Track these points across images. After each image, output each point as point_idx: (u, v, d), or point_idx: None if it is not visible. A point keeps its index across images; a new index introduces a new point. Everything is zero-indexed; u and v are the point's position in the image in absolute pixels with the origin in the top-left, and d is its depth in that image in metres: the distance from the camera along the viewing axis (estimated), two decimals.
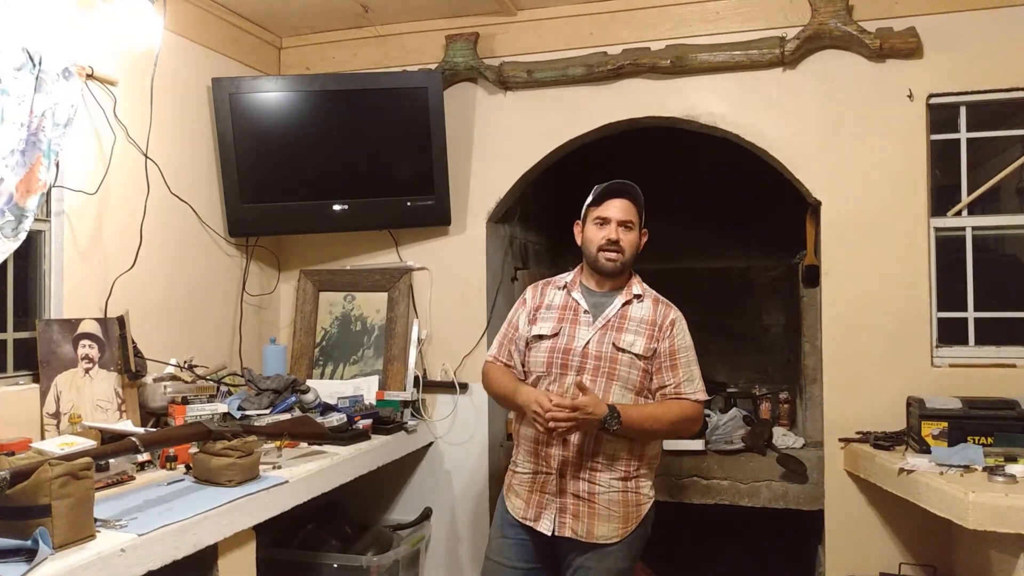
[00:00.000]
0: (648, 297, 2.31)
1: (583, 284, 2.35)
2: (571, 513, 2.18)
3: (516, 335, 2.37)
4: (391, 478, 3.30)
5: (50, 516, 1.56)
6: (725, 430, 3.30)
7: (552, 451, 2.21)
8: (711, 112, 3.13)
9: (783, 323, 4.05)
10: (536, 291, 2.40)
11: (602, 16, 3.23)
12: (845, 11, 2.91)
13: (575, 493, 2.19)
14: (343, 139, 3.27)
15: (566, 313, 2.29)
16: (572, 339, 2.24)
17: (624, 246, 2.25)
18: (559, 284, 2.39)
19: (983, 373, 2.83)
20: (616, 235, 2.24)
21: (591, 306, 2.28)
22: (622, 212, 2.25)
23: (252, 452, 2.18)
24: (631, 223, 2.26)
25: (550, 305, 2.34)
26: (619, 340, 2.21)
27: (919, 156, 2.92)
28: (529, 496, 2.26)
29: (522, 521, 2.26)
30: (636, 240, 2.29)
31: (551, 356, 2.24)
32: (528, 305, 2.38)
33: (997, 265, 3.04)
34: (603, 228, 2.26)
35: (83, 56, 2.52)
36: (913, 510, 2.41)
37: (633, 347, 2.20)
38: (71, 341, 2.44)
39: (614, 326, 2.24)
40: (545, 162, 3.38)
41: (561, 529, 2.19)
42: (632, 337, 2.22)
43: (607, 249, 2.25)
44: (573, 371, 2.21)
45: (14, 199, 2.19)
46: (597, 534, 2.17)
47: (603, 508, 2.17)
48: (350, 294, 3.51)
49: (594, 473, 2.18)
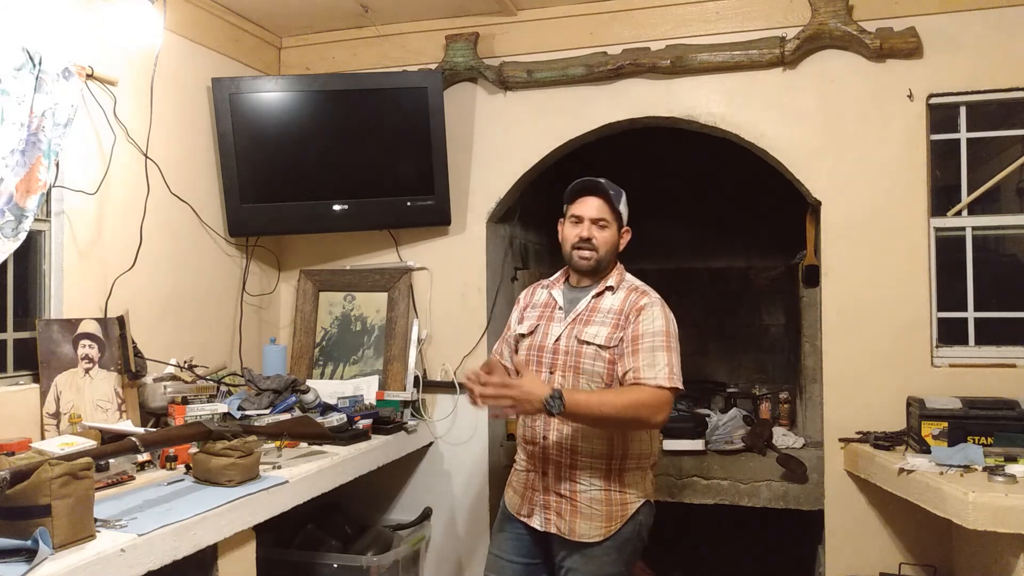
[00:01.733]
0: (623, 288, 2.27)
1: (567, 282, 2.37)
2: (555, 511, 2.20)
3: (508, 334, 2.45)
4: (391, 478, 3.30)
5: (50, 516, 1.56)
6: (725, 430, 3.30)
7: (535, 449, 2.24)
8: (711, 112, 3.13)
9: (783, 323, 4.05)
10: (528, 291, 2.47)
11: (602, 16, 3.23)
12: (845, 11, 2.91)
13: (557, 491, 2.20)
14: (343, 139, 3.27)
15: (545, 311, 2.33)
16: (545, 336, 2.27)
17: (598, 244, 2.23)
18: (545, 283, 2.43)
19: (983, 373, 2.83)
20: (588, 233, 2.22)
21: (566, 302, 2.30)
22: (595, 210, 2.23)
23: (252, 452, 2.18)
24: (605, 221, 2.24)
25: (535, 304, 2.39)
26: (582, 333, 2.20)
27: (919, 156, 2.92)
28: (523, 492, 2.29)
29: (517, 516, 2.29)
30: (612, 238, 2.26)
31: (528, 354, 2.28)
32: (520, 305, 2.45)
33: (997, 265, 3.04)
34: (576, 226, 2.25)
35: (83, 56, 2.52)
36: (913, 510, 2.41)
37: (596, 338, 2.18)
38: (71, 341, 2.44)
39: (582, 319, 2.24)
40: (545, 162, 3.39)
41: (547, 526, 2.21)
42: (596, 329, 2.20)
43: (580, 247, 2.24)
44: (546, 367, 2.23)
45: (14, 199, 2.19)
46: (579, 532, 2.16)
47: (584, 506, 2.17)
48: (350, 294, 3.51)
49: (575, 471, 2.18)
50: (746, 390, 3.86)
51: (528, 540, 2.28)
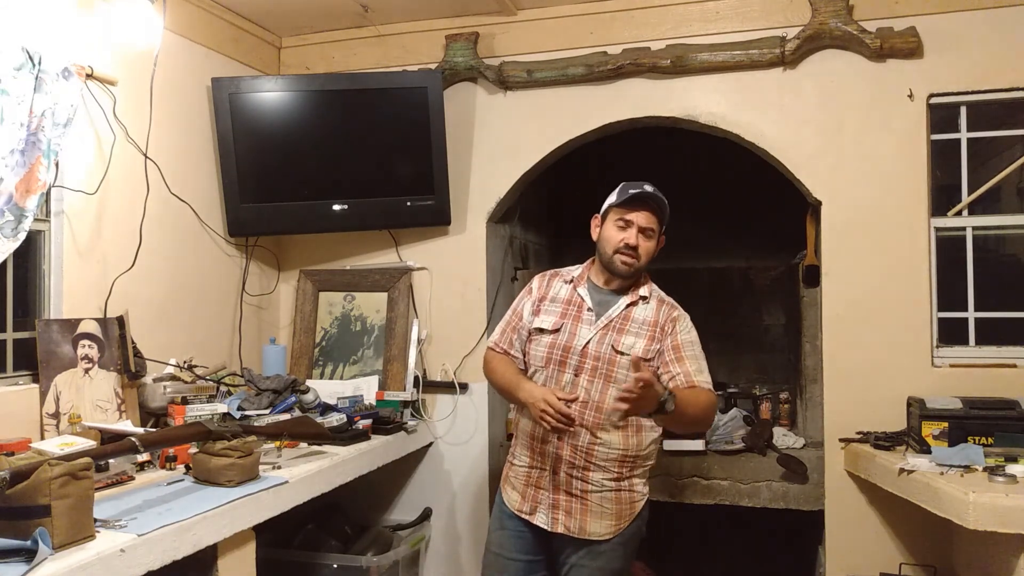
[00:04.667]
0: (654, 298, 2.28)
1: (591, 280, 2.32)
2: (564, 510, 2.20)
3: (519, 324, 2.36)
4: (391, 478, 3.30)
5: (50, 516, 1.56)
6: (725, 430, 3.30)
7: (548, 448, 2.22)
8: (711, 112, 3.13)
9: (783, 323, 4.05)
10: (543, 281, 2.39)
11: (602, 16, 3.23)
12: (845, 11, 2.91)
13: (568, 491, 2.20)
14: (343, 139, 3.26)
15: (570, 309, 2.28)
16: (573, 337, 2.22)
17: (641, 252, 2.22)
18: (566, 278, 2.36)
19: (983, 373, 2.83)
20: (636, 241, 2.20)
21: (595, 304, 2.26)
22: (646, 220, 2.21)
23: (252, 452, 2.18)
24: (652, 231, 2.23)
25: (555, 298, 2.32)
26: (619, 343, 2.19)
27: (919, 156, 2.92)
28: (525, 490, 2.28)
29: (518, 514, 2.28)
30: (653, 248, 2.25)
31: (551, 352, 2.24)
32: (534, 295, 2.36)
33: (997, 265, 3.04)
34: (624, 231, 2.21)
35: (83, 56, 2.51)
36: (913, 510, 2.41)
37: (633, 349, 2.17)
38: (71, 341, 2.44)
39: (616, 327, 2.22)
40: (545, 162, 3.38)
41: (554, 526, 2.21)
42: (632, 339, 2.20)
43: (624, 253, 2.21)
44: (571, 370, 2.20)
45: (14, 199, 2.19)
46: (590, 531, 2.18)
47: (596, 506, 2.18)
48: (350, 294, 3.51)
49: (587, 472, 2.19)
50: (746, 390, 3.85)
51: (530, 537, 2.28)
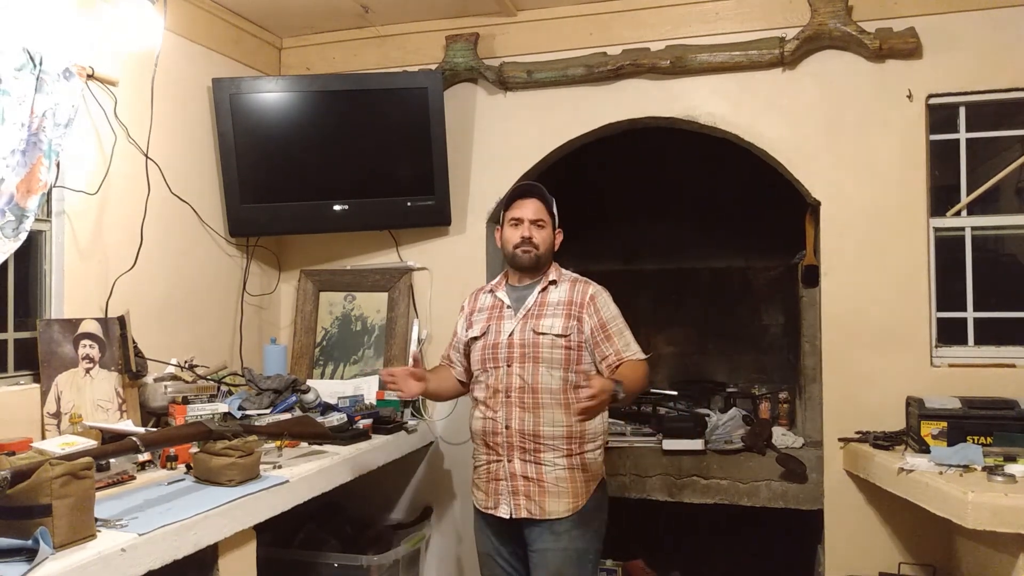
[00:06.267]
0: (565, 280, 2.47)
1: (508, 283, 2.53)
2: (523, 494, 2.33)
3: (455, 340, 2.60)
4: (391, 478, 3.30)
5: (51, 516, 1.56)
6: (725, 430, 3.31)
7: (499, 439, 2.37)
8: (711, 112, 3.13)
9: (783, 323, 4.05)
10: (471, 298, 2.62)
11: (602, 16, 3.24)
12: (845, 11, 2.91)
13: (524, 475, 2.33)
14: (343, 139, 3.27)
15: (493, 312, 2.49)
16: (499, 334, 2.43)
17: (538, 242, 2.42)
18: (487, 288, 2.59)
19: (982, 373, 2.84)
20: (529, 233, 2.42)
21: (513, 300, 2.47)
22: (533, 212, 2.44)
23: (252, 452, 2.18)
24: (542, 221, 2.45)
25: (481, 308, 2.54)
26: (538, 326, 2.38)
27: (918, 156, 2.92)
28: (487, 486, 2.41)
29: (486, 511, 2.41)
30: (549, 237, 2.46)
31: (483, 353, 2.44)
32: (465, 311, 2.60)
33: (996, 265, 3.05)
34: (517, 228, 2.44)
35: (84, 56, 2.52)
36: (913, 510, 2.41)
37: (552, 328, 2.36)
38: (72, 341, 2.45)
39: (534, 314, 2.41)
40: (545, 162, 3.39)
41: (517, 511, 2.34)
42: (550, 321, 2.38)
43: (522, 246, 2.43)
44: (503, 362, 2.39)
45: (15, 199, 2.19)
46: (549, 510, 2.31)
47: (552, 485, 2.32)
48: (350, 294, 3.51)
49: (539, 454, 2.33)
50: (746, 390, 3.86)
51: (502, 530, 2.41)
